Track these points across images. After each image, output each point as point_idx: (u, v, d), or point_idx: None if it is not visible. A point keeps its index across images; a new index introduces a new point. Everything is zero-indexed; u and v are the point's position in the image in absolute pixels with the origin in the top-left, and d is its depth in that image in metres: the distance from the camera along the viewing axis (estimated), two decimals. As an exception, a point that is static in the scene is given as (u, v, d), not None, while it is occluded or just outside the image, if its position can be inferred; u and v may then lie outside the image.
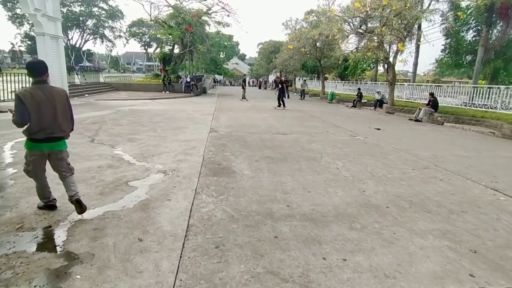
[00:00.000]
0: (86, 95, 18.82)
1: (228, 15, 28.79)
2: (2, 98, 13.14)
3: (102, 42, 62.55)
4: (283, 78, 28.13)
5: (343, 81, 31.74)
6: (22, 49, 57.96)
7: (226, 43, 30.47)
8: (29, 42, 50.58)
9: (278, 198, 3.98)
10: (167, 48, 30.55)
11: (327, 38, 18.07)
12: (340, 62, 25.88)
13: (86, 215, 3.30)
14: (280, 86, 16.57)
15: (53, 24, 16.01)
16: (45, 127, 3.04)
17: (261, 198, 3.97)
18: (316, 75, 42.23)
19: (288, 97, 24.00)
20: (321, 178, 4.84)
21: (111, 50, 66.87)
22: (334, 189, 4.36)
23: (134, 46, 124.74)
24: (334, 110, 17.10)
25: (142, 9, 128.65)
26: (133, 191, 4.03)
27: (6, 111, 10.91)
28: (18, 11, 49.15)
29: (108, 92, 22.48)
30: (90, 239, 2.85)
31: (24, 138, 3.19)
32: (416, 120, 13.03)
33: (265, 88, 46.66)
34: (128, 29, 64.77)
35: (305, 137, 8.17)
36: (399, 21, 13.06)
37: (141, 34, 67.63)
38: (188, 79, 24.59)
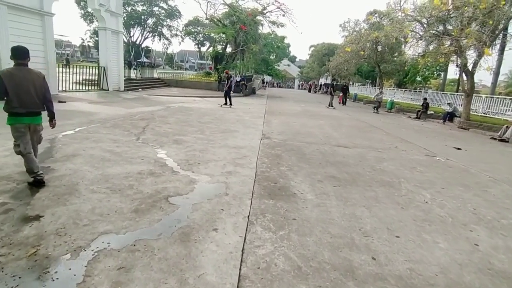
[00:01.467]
0: (140, 89, 19.22)
1: (283, 15, 28.03)
2: (64, 89, 13.63)
3: (160, 39, 65.61)
4: (332, 82, 26.72)
5: (402, 89, 29.16)
6: (90, 44, 62.84)
7: (279, 44, 29.66)
8: (97, 38, 54.34)
9: (357, 242, 2.97)
10: (219, 47, 30.64)
11: (394, 41, 16.31)
12: (406, 68, 23.67)
13: (113, 243, 2.60)
14: (335, 89, 15.16)
15: (115, 19, 16.46)
16: (25, 103, 3.53)
17: (334, 240, 2.98)
18: (371, 81, 39.69)
19: (344, 103, 22.41)
20: (408, 215, 3.71)
21: (167, 48, 69.95)
22: (432, 236, 3.22)
23: (188, 45, 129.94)
24: (396, 121, 15.35)
25: (198, 8, 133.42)
26: (174, 212, 3.29)
27: (65, 101, 11.05)
28: (89, 10, 53.62)
29: (160, 87, 22.89)
30: (111, 286, 2.11)
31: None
32: (501, 140, 10.96)
33: (316, 92, 45.01)
34: (184, 28, 67.35)
35: (372, 153, 6.96)
36: (490, 22, 11.08)
37: (195, 33, 69.90)
38: (238, 79, 24.19)
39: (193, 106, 13.23)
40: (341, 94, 23.39)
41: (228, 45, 29.13)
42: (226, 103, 14.45)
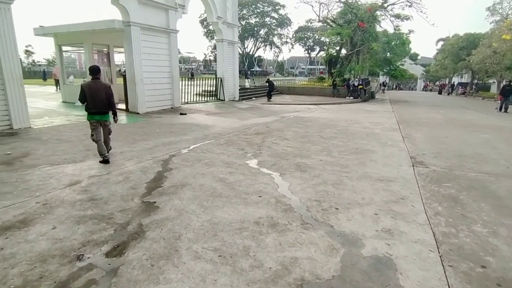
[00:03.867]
0: (253, 98, 19.10)
1: (410, 5, 24.04)
2: (187, 100, 14.30)
3: (271, 48, 67.83)
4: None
5: None
6: (211, 58, 69.83)
7: (404, 39, 25.58)
8: (216, 53, 60.01)
9: None
10: (333, 50, 28.58)
11: None
12: None
13: None
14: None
15: (231, 30, 16.65)
16: (97, 105, 4.92)
17: None
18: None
19: (506, 110, 16.70)
20: None
21: (277, 56, 71.79)
22: None
23: (298, 51, 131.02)
24: None
25: (307, 15, 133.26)
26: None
27: (185, 114, 11.10)
28: (210, 27, 59.55)
29: (273, 95, 22.47)
30: None
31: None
32: None
33: (449, 94, 37.60)
34: (294, 35, 67.77)
35: None
36: None
37: (305, 39, 69.54)
38: (356, 83, 21.68)
39: (309, 116, 11.82)
40: (499, 96, 17.63)
41: (343, 47, 26.82)
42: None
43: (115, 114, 5.26)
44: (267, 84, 19.66)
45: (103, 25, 10.80)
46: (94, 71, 4.97)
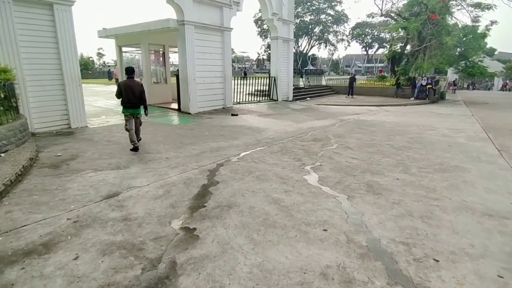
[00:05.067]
0: (308, 98, 18.04)
1: (495, -8, 20.77)
2: (239, 100, 13.84)
3: (326, 46, 65.39)
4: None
5: None
6: (264, 57, 69.64)
7: (481, 32, 22.28)
8: (269, 52, 59.59)
9: None
10: (397, 46, 26.10)
11: None
12: None
13: None
14: None
15: (287, 27, 15.82)
16: (130, 100, 5.65)
17: None
18: None
19: None
20: None
21: (332, 54, 69.04)
22: None
23: (355, 48, 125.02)
24: None
25: (365, 9, 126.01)
26: None
27: (237, 115, 10.53)
28: (264, 27, 59.31)
29: (328, 95, 21.13)
30: None
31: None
32: None
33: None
34: (350, 32, 64.57)
35: None
36: None
37: (363, 36, 65.83)
38: (424, 82, 19.34)
39: (372, 120, 10.51)
40: None
41: (409, 42, 24.29)
42: None
43: (146, 108, 6.04)
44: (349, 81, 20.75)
45: (158, 25, 10.74)
46: (129, 71, 5.75)
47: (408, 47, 24.62)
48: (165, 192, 3.84)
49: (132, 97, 5.60)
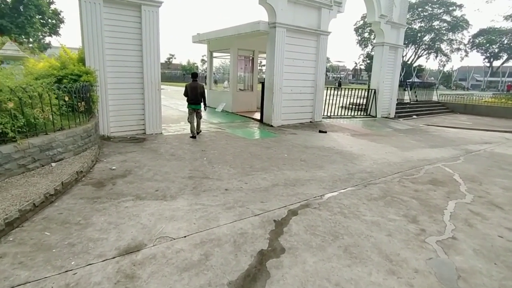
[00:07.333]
0: (414, 116, 14.99)
1: None
2: (329, 114, 12.09)
3: (436, 56, 57.32)
4: None
5: None
6: (362, 67, 65.06)
7: None
8: (368, 61, 55.19)
9: None
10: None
11: None
12: None
13: None
14: None
15: (396, 32, 13.34)
16: (193, 98, 7.18)
17: None
18: None
19: None
20: None
21: (444, 65, 60.18)
22: None
23: (474, 59, 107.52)
24: None
25: (490, 15, 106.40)
26: None
27: (326, 132, 8.90)
28: (365, 35, 55.22)
29: (441, 114, 17.34)
30: None
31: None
32: None
33: None
34: (470, 40, 55.27)
35: None
36: None
37: (487, 45, 55.57)
38: None
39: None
40: None
41: None
42: None
43: (205, 105, 7.46)
44: None
45: (248, 28, 9.91)
46: (194, 75, 7.52)
47: None
48: (202, 258, 2.56)
49: (195, 96, 7.19)
